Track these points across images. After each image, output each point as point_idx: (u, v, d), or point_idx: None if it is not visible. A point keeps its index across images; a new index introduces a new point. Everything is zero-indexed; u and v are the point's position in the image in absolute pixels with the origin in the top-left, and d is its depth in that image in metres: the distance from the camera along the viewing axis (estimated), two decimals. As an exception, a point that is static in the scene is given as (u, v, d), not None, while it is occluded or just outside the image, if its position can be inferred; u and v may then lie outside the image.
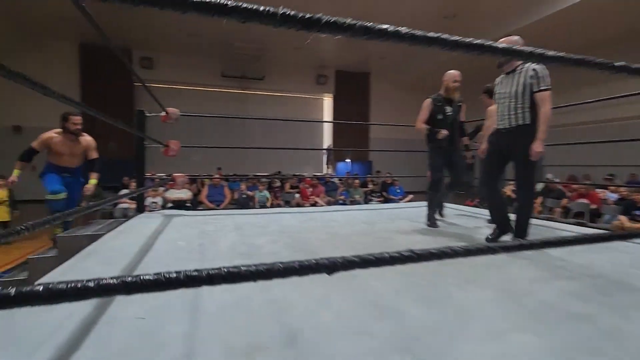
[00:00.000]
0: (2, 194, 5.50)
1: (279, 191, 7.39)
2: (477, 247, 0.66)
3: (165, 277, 0.50)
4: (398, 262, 0.60)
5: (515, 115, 2.17)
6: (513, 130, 2.18)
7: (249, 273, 0.51)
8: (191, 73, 11.19)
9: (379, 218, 3.32)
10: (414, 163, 13.01)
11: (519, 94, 2.15)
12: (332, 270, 0.57)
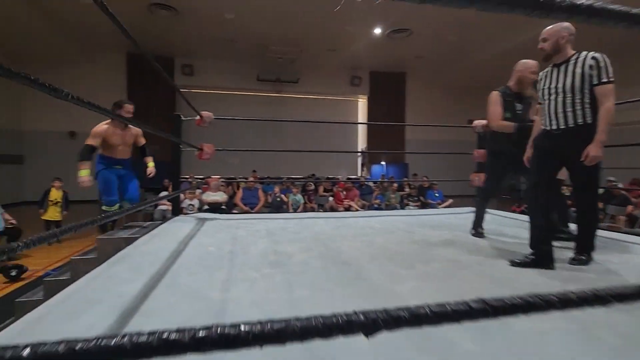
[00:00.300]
0: (57, 195, 5.89)
1: (312, 194, 7.32)
2: (578, 296, 0.49)
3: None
4: (466, 318, 0.45)
5: (572, 113, 1.83)
6: (570, 131, 1.85)
7: (251, 335, 0.39)
8: (228, 78, 11.48)
9: (418, 225, 3.11)
10: (453, 165, 12.45)
11: (576, 88, 1.81)
12: (371, 330, 0.43)
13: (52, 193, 5.87)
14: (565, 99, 1.85)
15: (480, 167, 4.06)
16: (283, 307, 1.28)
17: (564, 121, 1.87)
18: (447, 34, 9.13)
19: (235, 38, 9.55)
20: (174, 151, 3.38)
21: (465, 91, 13.50)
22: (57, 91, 0.86)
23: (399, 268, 1.79)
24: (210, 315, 1.20)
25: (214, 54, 10.78)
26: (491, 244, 2.41)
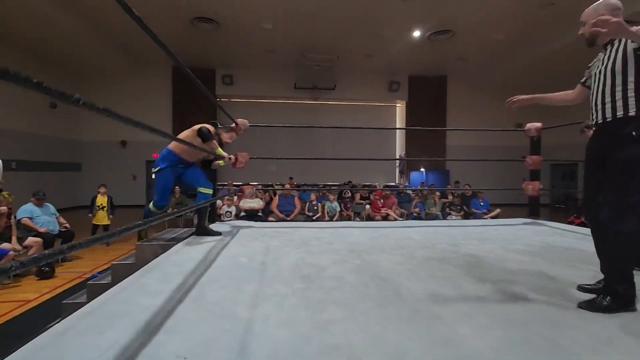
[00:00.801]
0: (103, 200, 6.25)
1: (349, 202, 7.16)
2: None
3: None
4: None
5: (611, 104, 1.48)
6: (607, 126, 1.51)
7: None
8: (266, 86, 11.72)
9: (463, 237, 2.86)
10: (500, 172, 11.71)
11: (617, 71, 1.46)
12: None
13: (98, 199, 6.23)
14: (605, 87, 1.51)
15: (535, 174, 3.71)
16: (314, 330, 1.16)
17: (601, 114, 1.53)
18: (493, 33, 8.64)
19: (273, 47, 9.73)
20: (209, 158, 3.41)
21: (512, 93, 12.59)
22: (109, 112, 1.01)
23: (444, 288, 1.60)
24: (234, 336, 1.11)
25: (253, 64, 11.06)
26: (548, 256, 2.11)
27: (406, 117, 12.61)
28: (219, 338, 1.10)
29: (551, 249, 2.45)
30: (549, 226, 3.45)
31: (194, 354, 1.00)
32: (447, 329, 1.18)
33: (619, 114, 1.46)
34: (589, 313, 1.33)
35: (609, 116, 1.49)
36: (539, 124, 3.60)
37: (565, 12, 7.55)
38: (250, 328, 1.18)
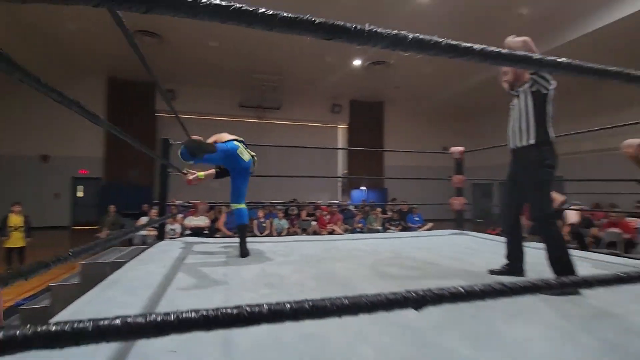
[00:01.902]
0: (18, 220, 5.60)
1: (295, 219, 7.34)
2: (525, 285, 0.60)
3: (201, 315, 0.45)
4: (489, 297, 0.54)
5: (519, 134, 1.92)
6: (516, 152, 1.97)
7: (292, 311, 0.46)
8: (211, 103, 11.59)
9: (404, 247, 3.21)
10: (430, 190, 12.87)
11: (521, 107, 1.92)
12: (420, 305, 0.51)
13: (12, 218, 5.56)
14: (514, 120, 1.97)
15: (459, 191, 4.29)
16: (285, 326, 1.32)
17: (512, 142, 1.98)
18: (423, 66, 9.73)
19: (219, 65, 9.77)
20: (162, 175, 3.38)
21: (440, 120, 14.21)
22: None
23: (392, 286, 1.86)
24: (216, 333, 1.22)
25: (197, 80, 10.92)
26: (476, 262, 2.53)
27: (347, 138, 13.35)
28: (202, 334, 1.20)
29: (474, 252, 2.89)
30: (472, 235, 4.00)
31: (183, 348, 1.10)
32: (399, 316, 1.41)
33: (523, 143, 1.90)
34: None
35: (517, 144, 1.93)
36: (461, 148, 4.20)
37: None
38: (228, 326, 1.29)
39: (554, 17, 6.95)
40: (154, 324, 0.41)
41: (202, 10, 0.41)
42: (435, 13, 6.96)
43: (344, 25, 0.51)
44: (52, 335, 0.38)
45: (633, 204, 7.14)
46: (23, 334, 0.37)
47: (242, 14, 0.43)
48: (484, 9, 6.83)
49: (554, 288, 0.57)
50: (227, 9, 0.42)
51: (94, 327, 0.39)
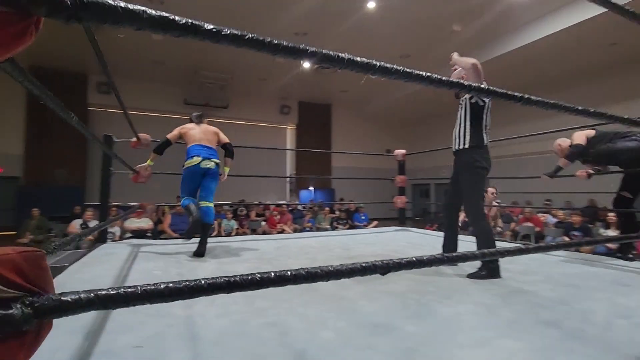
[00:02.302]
0: None
1: (244, 219, 7.26)
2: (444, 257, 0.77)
3: (168, 287, 0.50)
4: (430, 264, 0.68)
5: (458, 139, 2.20)
6: (456, 154, 2.23)
7: (263, 280, 0.56)
8: (152, 99, 10.93)
9: (353, 243, 3.41)
10: (375, 190, 13.52)
11: (461, 115, 2.19)
12: (385, 271, 0.63)
13: None
14: (455, 127, 2.23)
15: (402, 191, 4.63)
16: (249, 315, 1.39)
17: (453, 146, 2.24)
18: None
19: (162, 60, 9.28)
20: (103, 174, 3.19)
21: (384, 124, 14.98)
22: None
23: (346, 279, 2.01)
24: (180, 328, 1.26)
25: (137, 74, 10.24)
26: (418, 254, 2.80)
27: (296, 139, 13.47)
28: (166, 331, 1.23)
29: (415, 246, 3.19)
30: (414, 232, 4.36)
31: (149, 344, 1.12)
32: (351, 304, 1.56)
33: (460, 147, 2.18)
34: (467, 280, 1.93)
35: (456, 148, 2.21)
36: (403, 151, 4.55)
37: (420, 62, 9.53)
38: (192, 322, 1.33)
39: (483, 35, 7.78)
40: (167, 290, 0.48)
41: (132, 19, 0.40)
42: (381, 22, 7.38)
43: (286, 44, 0.56)
44: (110, 299, 0.44)
45: (543, 202, 8.27)
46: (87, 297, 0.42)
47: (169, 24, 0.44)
48: (423, 23, 7.41)
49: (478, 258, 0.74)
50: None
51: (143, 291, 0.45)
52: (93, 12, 0.36)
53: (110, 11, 0.37)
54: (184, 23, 0.44)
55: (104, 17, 0.37)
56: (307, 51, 0.54)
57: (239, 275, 0.53)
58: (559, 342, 1.16)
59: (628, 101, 8.11)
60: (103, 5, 0.37)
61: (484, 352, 1.08)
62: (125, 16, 0.39)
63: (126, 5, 0.38)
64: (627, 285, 1.85)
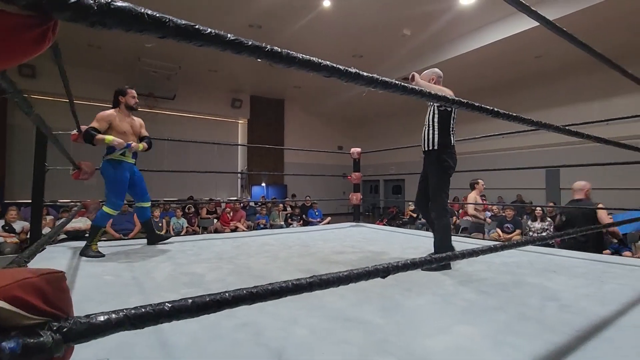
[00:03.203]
0: None
1: (193, 217, 6.96)
2: (413, 262, 0.85)
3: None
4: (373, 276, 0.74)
5: (427, 141, 2.35)
6: (426, 154, 2.38)
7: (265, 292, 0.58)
8: (87, 86, 9.94)
9: (311, 240, 3.46)
10: (327, 186, 13.76)
11: (430, 119, 2.34)
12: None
13: None
14: (424, 129, 2.38)
15: (356, 187, 4.78)
16: (220, 318, 1.37)
17: (422, 146, 2.39)
18: (321, 70, 10.29)
19: (99, 43, 8.49)
20: (37, 170, 2.86)
21: (336, 121, 15.24)
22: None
23: (307, 275, 2.05)
24: (148, 336, 1.20)
25: (69, 57, 9.23)
26: (373, 249, 2.93)
27: (248, 134, 13.18)
28: (132, 340, 1.16)
29: (370, 241, 3.33)
30: (367, 227, 4.53)
31: (116, 354, 1.06)
32: (319, 300, 1.61)
33: (429, 147, 2.34)
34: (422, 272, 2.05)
35: (425, 148, 2.37)
36: (359, 149, 4.70)
37: (371, 63, 9.83)
38: (159, 328, 1.27)
39: (431, 41, 8.25)
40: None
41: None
42: (336, 21, 7.48)
43: (234, 39, 0.53)
44: (139, 317, 0.42)
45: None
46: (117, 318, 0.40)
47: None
48: (376, 25, 7.66)
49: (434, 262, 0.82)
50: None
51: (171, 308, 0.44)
52: (120, 18, 0.35)
53: (136, 19, 0.36)
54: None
55: (130, 24, 0.36)
56: (249, 46, 0.52)
57: (261, 286, 0.54)
58: (506, 325, 1.31)
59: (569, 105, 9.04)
60: (130, 13, 0.35)
61: (447, 338, 1.19)
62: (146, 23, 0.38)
63: (153, 13, 0.37)
64: (554, 272, 2.13)
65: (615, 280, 1.94)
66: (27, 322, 0.34)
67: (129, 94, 2.87)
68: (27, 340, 0.33)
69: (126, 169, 2.76)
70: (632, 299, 1.62)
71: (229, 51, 0.49)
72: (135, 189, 2.90)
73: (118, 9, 0.34)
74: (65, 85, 1.67)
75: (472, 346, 1.13)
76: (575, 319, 1.37)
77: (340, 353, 1.08)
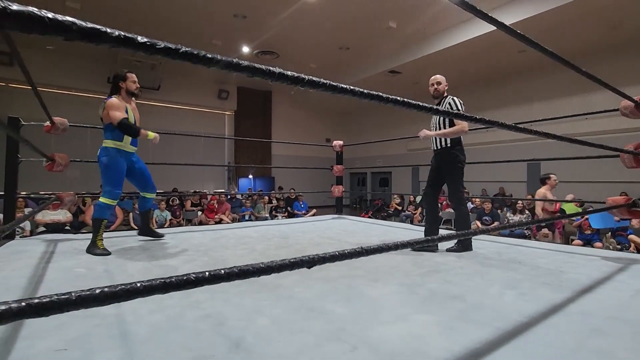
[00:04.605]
0: None
1: (178, 209, 6.92)
2: (387, 246, 0.89)
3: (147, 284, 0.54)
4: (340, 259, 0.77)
5: (439, 140, 2.62)
6: (439, 151, 2.65)
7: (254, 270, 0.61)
8: (68, 76, 9.71)
9: (291, 232, 3.50)
10: (313, 179, 13.78)
11: (441, 122, 2.60)
12: (311, 265, 0.70)
13: None
14: (436, 130, 2.64)
15: (339, 180, 4.82)
16: (185, 309, 1.39)
17: (434, 145, 2.67)
18: (308, 61, 10.24)
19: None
20: (9, 162, 2.81)
21: (324, 114, 15.21)
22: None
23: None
24: (109, 327, 1.22)
25: (47, 45, 8.98)
26: (352, 241, 2.98)
27: (235, 126, 13.06)
28: (93, 331, 1.18)
29: (350, 234, 3.38)
30: (350, 219, 4.59)
31: (74, 346, 1.07)
32: (287, 291, 1.64)
33: (442, 146, 2.58)
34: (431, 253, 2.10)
35: (437, 147, 2.61)
36: (341, 142, 4.72)
37: (357, 55, 9.80)
38: (122, 319, 1.29)
39: (416, 34, 8.27)
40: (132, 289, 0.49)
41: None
42: (322, 12, 7.42)
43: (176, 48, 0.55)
44: (42, 306, 0.43)
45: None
46: (18, 307, 0.41)
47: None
48: (362, 17, 7.63)
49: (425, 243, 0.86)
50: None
51: (77, 297, 0.45)
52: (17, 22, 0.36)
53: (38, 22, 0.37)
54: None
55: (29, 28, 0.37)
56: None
57: (175, 277, 0.56)
58: (462, 313, 1.37)
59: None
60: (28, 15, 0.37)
61: (402, 326, 1.24)
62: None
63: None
64: (519, 262, 2.21)
65: (575, 270, 2.02)
66: None
67: (129, 79, 2.65)
68: None
69: (122, 156, 2.60)
70: (585, 286, 1.70)
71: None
72: (136, 179, 2.77)
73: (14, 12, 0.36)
74: (23, 72, 1.63)
75: (424, 332, 1.18)
76: (529, 306, 1.43)
77: (297, 342, 1.12)
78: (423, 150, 11.01)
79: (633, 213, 2.30)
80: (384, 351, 1.06)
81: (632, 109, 2.30)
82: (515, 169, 9.22)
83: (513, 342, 1.11)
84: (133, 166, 2.73)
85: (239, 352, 1.05)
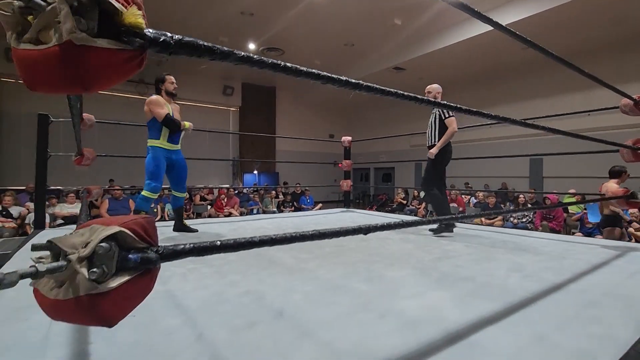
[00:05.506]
0: None
1: (188, 203, 7.10)
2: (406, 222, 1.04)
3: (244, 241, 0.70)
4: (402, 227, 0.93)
5: (431, 139, 3.11)
6: (430, 147, 3.08)
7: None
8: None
9: (304, 224, 3.66)
10: (318, 174, 13.93)
11: (434, 123, 3.10)
12: (366, 232, 0.86)
13: None
14: (428, 130, 3.11)
15: (347, 174, 4.97)
16: (225, 287, 1.56)
17: (427, 142, 3.11)
18: (313, 58, 10.34)
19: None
20: (39, 157, 2.97)
21: (327, 110, 15.32)
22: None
23: (302, 254, 2.25)
24: (164, 301, 1.38)
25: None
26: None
27: (239, 122, 13.20)
28: (151, 303, 1.34)
29: (359, 224, 3.54)
30: (358, 212, 4.75)
31: (139, 313, 1.24)
32: (312, 273, 1.80)
33: (433, 143, 2.97)
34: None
35: (429, 144, 3.02)
36: (349, 137, 4.87)
37: (362, 52, 9.91)
38: (172, 295, 1.46)
39: (420, 31, 8.37)
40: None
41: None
42: (328, 9, 7.53)
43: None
44: (202, 249, 0.59)
45: (463, 184, 9.37)
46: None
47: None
48: (368, 14, 7.74)
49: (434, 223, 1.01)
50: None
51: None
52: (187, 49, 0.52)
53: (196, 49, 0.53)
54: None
55: (193, 52, 0.53)
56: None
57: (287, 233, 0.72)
58: (472, 290, 1.53)
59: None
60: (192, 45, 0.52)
61: (420, 300, 1.40)
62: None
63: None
64: (524, 250, 2.37)
65: (575, 257, 2.18)
66: (138, 245, 0.52)
67: (167, 80, 2.96)
68: (142, 255, 0.51)
69: (162, 154, 2.84)
70: (584, 270, 1.86)
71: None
72: (172, 176, 2.99)
73: (186, 43, 0.51)
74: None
75: (440, 305, 1.35)
76: (533, 285, 1.59)
77: (332, 311, 1.28)
78: (425, 146, 11.13)
79: (631, 204, 2.45)
80: (408, 318, 1.22)
81: (632, 107, 2.44)
82: (517, 165, 9.36)
83: (519, 313, 1.28)
84: (172, 163, 2.91)
85: (283, 319, 1.22)
